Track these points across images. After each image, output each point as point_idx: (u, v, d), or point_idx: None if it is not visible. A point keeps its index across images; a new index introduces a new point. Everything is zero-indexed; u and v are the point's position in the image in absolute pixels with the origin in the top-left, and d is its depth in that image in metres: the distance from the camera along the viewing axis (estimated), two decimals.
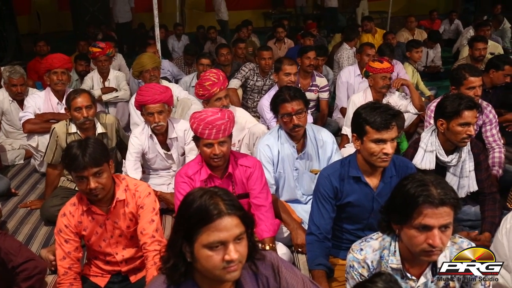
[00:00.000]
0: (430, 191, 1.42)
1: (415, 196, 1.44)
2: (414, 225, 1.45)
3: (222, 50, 5.19)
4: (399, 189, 1.53)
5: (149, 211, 2.19)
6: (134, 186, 2.22)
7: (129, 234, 2.23)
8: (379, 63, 3.70)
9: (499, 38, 7.55)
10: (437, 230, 1.42)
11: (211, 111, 2.43)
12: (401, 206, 1.48)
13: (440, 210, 1.41)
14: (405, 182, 1.51)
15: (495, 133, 3.28)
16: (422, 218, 1.42)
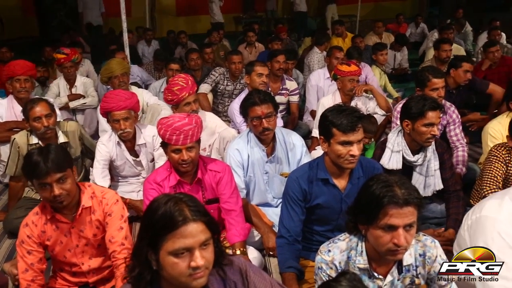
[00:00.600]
0: (395, 192, 1.45)
1: (380, 197, 1.46)
2: (379, 226, 1.47)
3: (192, 55, 5.17)
4: (364, 190, 1.55)
5: (118, 218, 2.14)
6: (101, 193, 2.17)
7: (96, 242, 2.18)
8: (346, 66, 3.77)
9: (461, 41, 7.83)
10: (402, 229, 1.45)
11: (178, 116, 2.41)
12: (367, 207, 1.51)
13: (405, 210, 1.44)
14: (371, 183, 1.53)
15: (458, 132, 3.39)
16: (388, 219, 1.45)
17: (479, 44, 7.29)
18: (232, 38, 9.26)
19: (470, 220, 1.83)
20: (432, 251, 1.63)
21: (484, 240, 1.67)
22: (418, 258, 1.63)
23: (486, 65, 5.28)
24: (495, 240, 1.64)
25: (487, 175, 2.61)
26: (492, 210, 1.71)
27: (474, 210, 1.82)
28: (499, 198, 1.75)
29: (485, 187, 2.57)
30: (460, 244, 1.92)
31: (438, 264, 1.62)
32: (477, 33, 8.67)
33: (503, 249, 1.63)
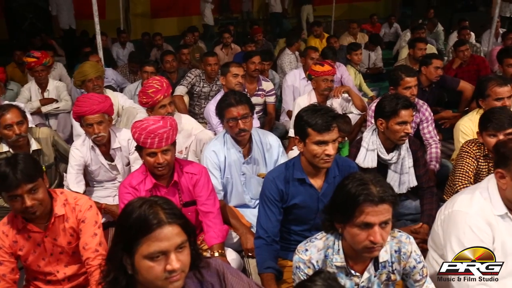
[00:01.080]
0: (370, 190, 1.47)
1: (356, 196, 1.47)
2: (356, 224, 1.48)
3: (167, 57, 5.13)
4: (340, 189, 1.56)
5: (91, 224, 2.10)
6: (73, 200, 2.12)
7: (71, 250, 2.13)
8: (320, 66, 3.79)
9: (433, 40, 7.99)
10: (378, 227, 1.47)
11: (152, 119, 2.38)
12: (343, 205, 1.52)
13: (380, 207, 1.46)
14: (346, 182, 1.54)
15: (431, 130, 3.46)
16: (364, 216, 1.46)
17: (450, 43, 7.47)
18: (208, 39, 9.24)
19: (443, 215, 1.87)
20: (407, 247, 1.65)
21: (456, 234, 1.72)
22: (393, 254, 1.66)
23: (456, 63, 5.41)
24: (467, 234, 1.69)
25: (459, 170, 2.67)
26: (464, 205, 1.75)
27: (447, 206, 1.87)
28: (469, 193, 1.80)
29: (458, 183, 2.64)
30: (434, 238, 1.97)
31: (413, 259, 1.65)
32: (448, 32, 8.90)
33: (474, 242, 1.68)
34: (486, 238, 1.68)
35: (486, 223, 1.69)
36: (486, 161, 2.66)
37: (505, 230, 1.70)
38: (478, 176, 2.68)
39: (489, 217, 1.70)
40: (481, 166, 2.67)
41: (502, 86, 3.07)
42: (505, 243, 1.70)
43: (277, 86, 5.35)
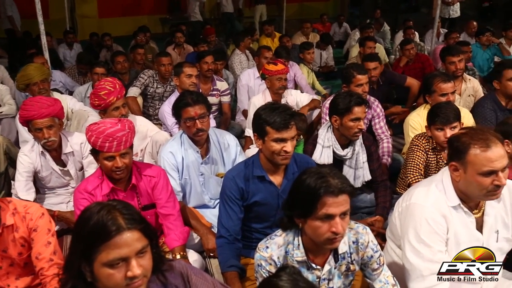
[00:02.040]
0: (329, 182, 1.51)
1: (316, 189, 1.50)
2: (318, 216, 1.51)
3: (118, 58, 4.98)
4: (299, 184, 1.59)
5: (44, 233, 2.00)
6: (23, 208, 2.01)
7: (22, 261, 2.03)
8: (273, 66, 3.82)
9: (381, 39, 8.30)
10: (339, 217, 1.51)
11: (109, 122, 2.31)
12: (303, 200, 1.54)
13: (340, 198, 1.50)
14: (304, 177, 1.57)
15: (383, 125, 3.60)
16: (326, 209, 1.49)
17: (396, 42, 7.79)
18: (159, 40, 9.06)
19: (400, 207, 1.94)
20: (364, 237, 1.71)
21: (414, 225, 1.78)
22: (351, 245, 1.70)
23: (403, 61, 5.67)
24: (423, 226, 1.76)
25: (410, 163, 2.79)
26: (420, 197, 1.82)
27: (404, 198, 1.93)
28: (426, 186, 1.87)
29: (409, 175, 2.75)
30: (392, 230, 2.04)
31: (371, 249, 1.71)
32: (393, 32, 9.27)
33: (429, 234, 1.75)
34: (440, 229, 1.75)
35: (441, 215, 1.76)
36: (435, 153, 2.80)
37: (457, 221, 1.77)
38: (427, 168, 2.81)
39: (444, 209, 1.77)
40: (430, 159, 2.80)
41: (446, 82, 3.25)
42: (457, 233, 1.77)
43: (231, 85, 5.35)
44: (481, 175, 1.66)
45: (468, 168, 1.69)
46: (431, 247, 1.75)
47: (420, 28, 8.74)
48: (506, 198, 1.85)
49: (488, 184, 1.66)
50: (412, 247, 1.79)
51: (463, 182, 1.74)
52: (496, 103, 3.51)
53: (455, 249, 1.79)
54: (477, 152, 1.67)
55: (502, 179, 1.65)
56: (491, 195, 1.69)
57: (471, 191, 1.73)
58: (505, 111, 3.48)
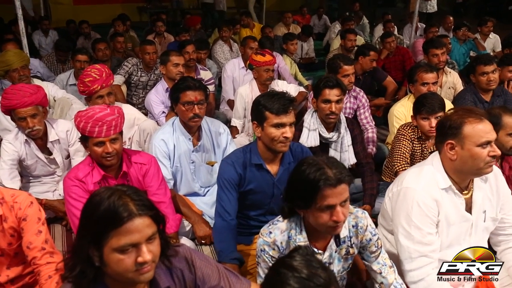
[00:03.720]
0: (327, 174, 1.52)
1: (315, 181, 1.52)
2: (318, 208, 1.54)
3: (100, 45, 4.88)
4: (297, 176, 1.60)
5: (34, 222, 1.95)
6: (11, 198, 1.95)
7: (12, 251, 1.98)
8: (261, 56, 3.81)
9: (360, 32, 8.40)
10: (339, 206, 1.54)
11: (98, 107, 2.29)
12: (303, 192, 1.56)
13: (339, 188, 1.52)
14: (302, 168, 1.58)
15: (368, 115, 3.67)
16: (325, 200, 1.52)
17: (376, 35, 7.91)
18: (137, 29, 8.90)
19: (391, 192, 2.00)
20: (363, 221, 1.75)
21: (405, 209, 1.85)
22: (351, 229, 1.74)
23: (384, 54, 5.77)
24: (414, 209, 1.82)
25: (396, 152, 2.86)
26: (412, 181, 1.88)
27: (395, 183, 1.99)
28: (417, 170, 1.93)
29: (396, 164, 2.83)
30: (383, 214, 2.10)
31: (369, 232, 1.75)
32: (372, 25, 9.40)
33: (420, 217, 1.81)
34: (431, 212, 1.82)
35: (432, 199, 1.82)
36: (420, 142, 2.88)
37: (448, 203, 1.84)
38: (413, 157, 2.89)
39: (435, 192, 1.83)
40: (415, 147, 2.88)
41: (428, 72, 3.35)
42: (448, 215, 1.84)
43: (215, 75, 5.32)
44: (479, 147, 1.74)
45: (465, 142, 1.76)
46: (421, 230, 1.81)
47: (396, 22, 8.89)
48: (491, 179, 1.94)
49: (485, 155, 1.74)
50: (404, 229, 1.85)
51: (460, 159, 1.79)
52: (476, 96, 3.64)
53: (446, 230, 1.86)
54: (472, 125, 1.75)
55: (496, 149, 1.74)
56: (488, 167, 1.77)
57: (469, 167, 1.79)
58: (484, 103, 3.61)
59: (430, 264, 1.83)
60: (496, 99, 3.66)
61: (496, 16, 9.19)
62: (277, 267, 1.19)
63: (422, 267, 1.82)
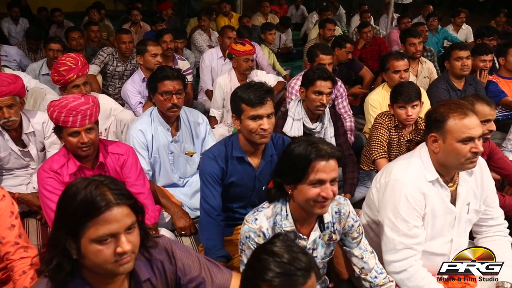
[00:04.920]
0: (320, 147, 1.55)
1: (307, 154, 1.55)
2: (308, 182, 1.55)
3: (73, 34, 4.74)
4: (288, 153, 1.61)
5: (7, 216, 1.90)
6: None
7: None
8: (241, 46, 3.78)
9: (338, 22, 8.43)
10: (329, 183, 1.56)
11: (72, 97, 2.23)
12: (294, 165, 1.57)
13: (330, 163, 1.55)
14: (293, 146, 1.61)
15: (346, 105, 3.71)
16: (316, 173, 1.54)
17: (353, 25, 7.96)
18: (112, 17, 8.70)
19: (378, 183, 2.00)
20: (346, 207, 1.77)
21: (393, 201, 1.86)
22: (334, 215, 1.77)
23: (361, 44, 5.81)
24: (402, 201, 1.84)
25: (374, 141, 2.90)
26: (400, 174, 1.89)
27: (383, 174, 1.99)
28: (405, 161, 1.94)
29: (374, 152, 2.86)
30: (369, 205, 2.11)
31: (351, 218, 1.78)
32: (348, 16, 9.44)
33: (408, 210, 1.83)
34: (418, 206, 1.84)
35: (419, 192, 1.84)
36: (397, 131, 2.92)
37: (435, 195, 1.87)
38: (390, 145, 2.93)
39: (422, 185, 1.85)
40: (392, 136, 2.92)
41: (399, 60, 3.41)
42: (434, 208, 1.87)
43: (193, 64, 5.26)
44: (460, 142, 1.74)
45: (447, 137, 1.77)
46: (408, 223, 1.84)
47: (373, 12, 8.96)
48: (477, 171, 1.96)
49: (466, 151, 1.74)
50: (390, 221, 1.87)
51: (442, 153, 1.81)
52: (449, 84, 3.72)
53: (431, 222, 1.89)
54: (455, 121, 1.75)
55: (479, 146, 1.74)
56: (469, 163, 1.78)
57: (450, 161, 1.80)
58: (457, 91, 3.69)
59: (414, 256, 1.86)
60: (468, 87, 3.75)
61: (468, 7, 9.36)
62: (258, 253, 1.20)
63: (406, 259, 1.85)
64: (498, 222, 2.05)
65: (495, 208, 2.05)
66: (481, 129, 1.77)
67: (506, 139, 3.18)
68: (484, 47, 4.17)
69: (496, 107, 3.85)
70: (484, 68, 3.99)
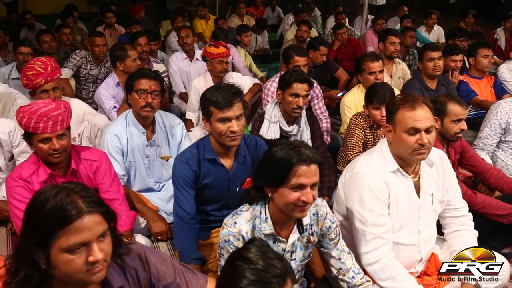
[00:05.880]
0: (302, 151, 1.56)
1: (289, 158, 1.54)
2: (289, 186, 1.55)
3: (45, 37, 4.62)
4: (270, 155, 1.61)
5: None
6: None
7: None
8: (215, 48, 3.75)
9: (313, 23, 8.50)
10: (309, 188, 1.56)
11: (42, 102, 2.17)
12: (276, 169, 1.57)
13: (312, 167, 1.55)
14: (275, 149, 1.60)
15: (321, 106, 3.73)
16: (297, 178, 1.54)
17: (328, 27, 8.04)
18: (86, 20, 8.55)
19: (344, 178, 2.05)
20: (323, 209, 1.78)
21: (358, 192, 1.90)
22: (312, 217, 1.77)
23: (336, 45, 5.87)
24: (366, 192, 1.88)
25: (349, 141, 2.93)
26: (363, 166, 1.94)
27: (347, 169, 2.05)
28: (367, 156, 2.00)
29: (350, 152, 2.90)
30: (338, 201, 2.15)
31: (329, 220, 1.79)
32: (324, 17, 9.54)
33: (372, 199, 1.88)
34: (382, 195, 1.89)
35: (382, 181, 1.89)
36: (372, 131, 2.96)
37: (398, 185, 1.92)
38: (365, 145, 2.97)
39: (384, 175, 1.91)
40: (367, 136, 2.96)
41: (374, 61, 3.46)
42: (397, 197, 1.92)
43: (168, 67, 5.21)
44: (406, 133, 1.82)
45: (396, 127, 1.86)
46: (374, 212, 1.88)
47: (348, 14, 9.08)
48: (437, 163, 2.03)
49: (412, 142, 1.82)
50: (358, 213, 1.91)
51: (394, 143, 1.89)
52: (423, 84, 3.79)
53: (396, 211, 1.93)
54: (404, 112, 1.83)
55: (424, 138, 1.80)
56: (417, 154, 1.84)
57: (401, 151, 1.88)
58: (430, 91, 3.77)
59: (385, 245, 1.89)
60: (440, 87, 3.83)
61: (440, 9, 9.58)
62: (233, 260, 1.19)
63: (377, 249, 1.88)
64: (461, 213, 2.11)
65: (457, 199, 2.11)
66: (430, 122, 1.83)
67: (477, 137, 3.25)
68: (454, 47, 4.27)
69: (467, 106, 3.99)
70: (455, 68, 4.08)
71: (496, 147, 3.15)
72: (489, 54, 4.08)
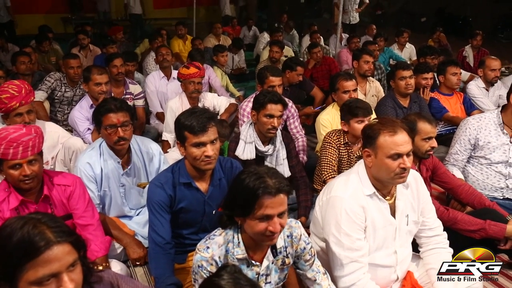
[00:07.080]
0: (267, 183, 1.54)
1: (254, 189, 1.54)
2: (256, 216, 1.55)
3: (22, 58, 4.54)
4: (237, 184, 1.61)
5: None
6: None
7: None
8: (185, 69, 3.79)
9: (289, 42, 8.65)
10: (277, 217, 1.56)
11: (13, 127, 2.14)
12: (242, 200, 1.57)
13: (278, 198, 1.55)
14: (243, 177, 1.60)
15: (297, 125, 3.78)
16: (264, 210, 1.54)
17: (304, 45, 8.18)
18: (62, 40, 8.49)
19: (321, 201, 2.06)
20: (297, 230, 1.79)
21: (335, 216, 1.91)
22: (286, 239, 1.77)
23: (311, 64, 5.98)
24: (343, 216, 1.89)
25: (324, 160, 2.96)
26: (340, 190, 1.95)
27: (324, 192, 2.05)
28: (344, 179, 2.00)
29: (324, 172, 2.92)
30: (315, 223, 2.16)
31: (303, 241, 1.79)
32: (300, 36, 9.72)
33: (349, 224, 1.89)
34: (358, 219, 1.90)
35: (359, 206, 1.91)
36: (346, 148, 3.00)
37: (374, 208, 1.94)
38: (340, 163, 3.01)
39: (361, 199, 1.92)
40: (342, 153, 3.00)
41: (347, 80, 3.54)
42: (374, 220, 1.94)
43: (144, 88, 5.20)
44: (389, 158, 1.84)
45: (378, 152, 1.87)
46: (350, 236, 1.89)
47: (323, 32, 9.27)
48: (412, 185, 2.06)
49: (395, 167, 1.84)
50: (334, 237, 1.92)
51: (374, 167, 1.91)
52: (396, 102, 3.88)
53: (373, 234, 1.95)
54: (385, 137, 1.85)
55: (406, 162, 1.84)
56: (398, 177, 1.87)
57: (381, 175, 1.90)
58: (403, 109, 3.87)
59: (361, 269, 1.90)
60: (413, 105, 3.93)
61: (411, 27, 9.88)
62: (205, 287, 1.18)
63: (353, 272, 1.89)
64: (436, 233, 2.14)
65: (432, 219, 2.14)
66: (410, 146, 1.87)
67: (448, 153, 3.33)
68: (424, 65, 4.41)
69: (439, 123, 4.10)
70: (426, 86, 4.21)
71: (467, 162, 3.23)
72: (457, 72, 4.24)
